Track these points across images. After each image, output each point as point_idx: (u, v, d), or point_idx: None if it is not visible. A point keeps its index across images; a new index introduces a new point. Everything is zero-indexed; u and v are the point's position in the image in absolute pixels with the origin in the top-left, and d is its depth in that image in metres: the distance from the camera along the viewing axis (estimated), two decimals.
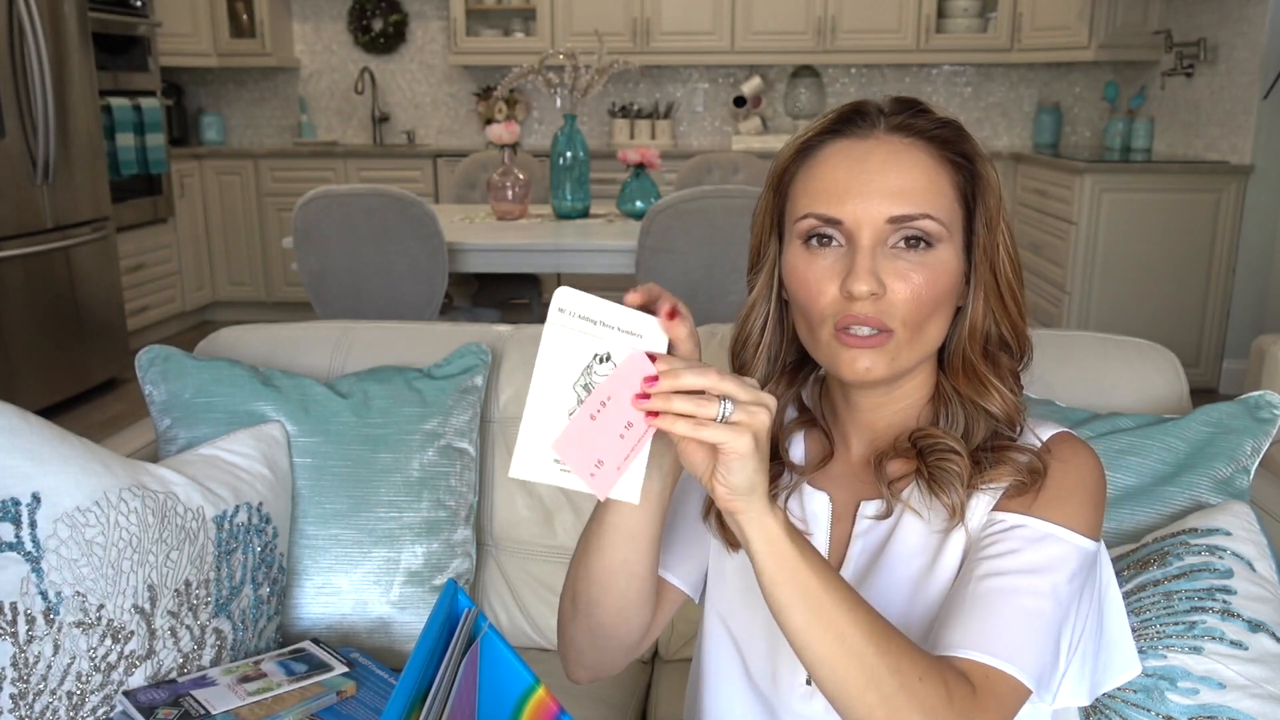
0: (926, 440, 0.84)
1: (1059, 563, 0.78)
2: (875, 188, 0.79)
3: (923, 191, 0.80)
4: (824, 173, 0.82)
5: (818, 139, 0.84)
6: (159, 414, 1.33)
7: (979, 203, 0.83)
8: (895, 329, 0.80)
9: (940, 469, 0.82)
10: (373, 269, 2.98)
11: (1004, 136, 5.50)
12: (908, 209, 0.79)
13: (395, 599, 1.28)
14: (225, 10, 5.42)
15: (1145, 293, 4.05)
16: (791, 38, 5.19)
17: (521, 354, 1.43)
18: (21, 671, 1.03)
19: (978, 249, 0.83)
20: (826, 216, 0.80)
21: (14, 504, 1.04)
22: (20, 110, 3.59)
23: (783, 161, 0.86)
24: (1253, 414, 1.14)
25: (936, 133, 0.82)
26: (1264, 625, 0.96)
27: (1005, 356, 0.86)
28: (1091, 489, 0.82)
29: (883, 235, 0.79)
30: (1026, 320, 0.86)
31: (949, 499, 0.81)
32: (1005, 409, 0.84)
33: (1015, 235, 0.86)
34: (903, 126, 0.82)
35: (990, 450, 0.82)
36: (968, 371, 0.84)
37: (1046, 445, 0.83)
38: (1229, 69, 4.03)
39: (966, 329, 0.84)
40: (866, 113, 0.83)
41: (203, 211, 5.37)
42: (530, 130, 5.68)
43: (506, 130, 3.37)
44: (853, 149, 0.81)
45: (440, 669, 0.63)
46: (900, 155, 0.80)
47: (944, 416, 0.86)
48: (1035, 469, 0.81)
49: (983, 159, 0.84)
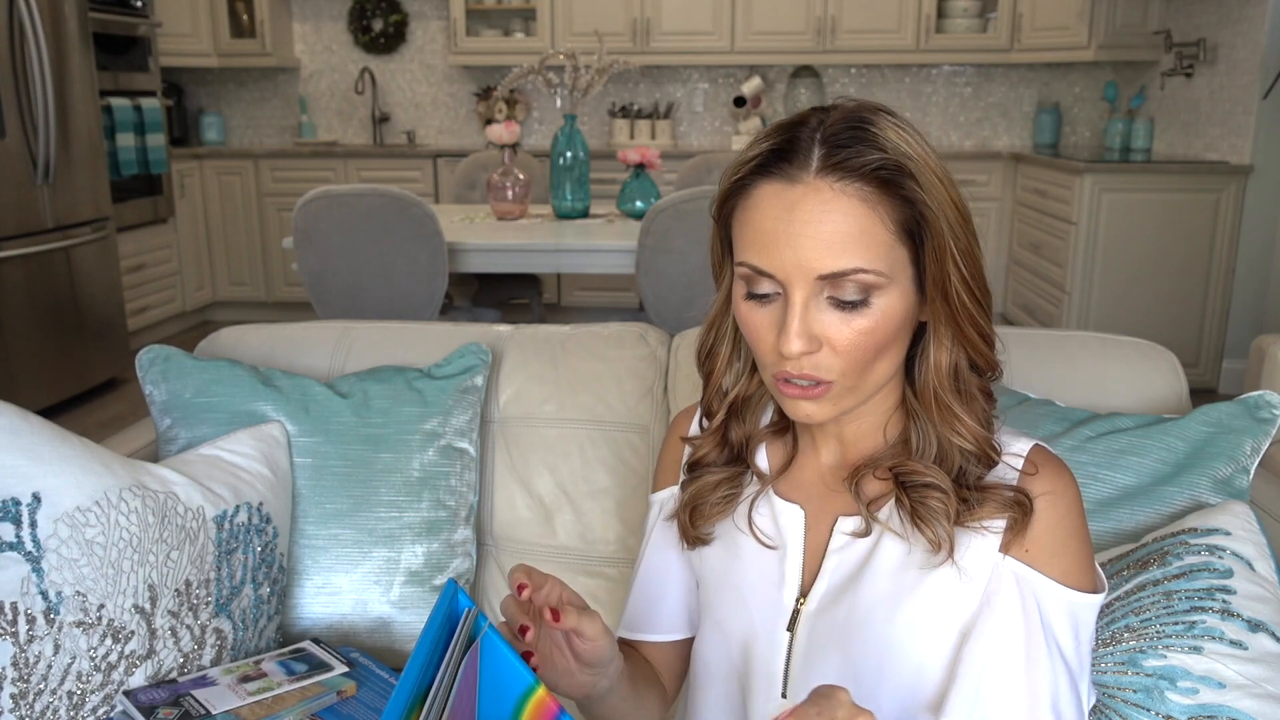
0: (908, 475, 0.83)
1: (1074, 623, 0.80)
2: (804, 241, 0.76)
3: (854, 242, 0.75)
4: (755, 219, 0.79)
5: (750, 178, 0.80)
6: (159, 414, 1.33)
7: (926, 235, 0.78)
8: (834, 380, 0.79)
9: (924, 504, 0.81)
10: (373, 269, 2.98)
11: (1004, 136, 5.51)
12: (839, 264, 0.75)
13: (395, 599, 1.28)
14: (225, 10, 5.42)
15: (1145, 293, 4.05)
16: (791, 38, 5.19)
17: (521, 354, 1.44)
18: (22, 671, 1.03)
19: (928, 282, 0.79)
20: (759, 269, 0.78)
21: (14, 504, 1.05)
22: (21, 110, 3.59)
23: (721, 195, 0.85)
24: (1252, 414, 1.14)
25: (874, 173, 0.76)
26: (1264, 625, 0.96)
27: (975, 377, 0.84)
28: (1082, 529, 0.82)
29: (814, 290, 0.77)
30: (993, 342, 0.83)
31: (934, 534, 0.81)
32: (975, 443, 0.82)
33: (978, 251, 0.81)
34: (836, 167, 0.76)
35: (974, 489, 0.81)
36: (939, 405, 0.83)
37: (1030, 462, 0.83)
38: (1229, 69, 4.03)
39: (932, 364, 0.82)
40: (799, 147, 0.77)
41: (203, 211, 5.37)
42: (530, 130, 5.68)
43: (506, 130, 3.38)
44: (783, 195, 0.77)
45: (440, 669, 0.63)
46: (830, 205, 0.75)
47: (915, 433, 0.85)
48: (1022, 504, 0.80)
49: (925, 201, 0.77)
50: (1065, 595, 0.79)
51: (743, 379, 0.92)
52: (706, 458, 0.94)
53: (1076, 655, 0.80)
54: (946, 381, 0.82)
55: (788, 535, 0.89)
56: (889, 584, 0.83)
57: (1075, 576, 0.80)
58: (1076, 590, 0.80)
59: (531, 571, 0.78)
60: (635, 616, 1.02)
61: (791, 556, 0.89)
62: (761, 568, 0.90)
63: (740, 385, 0.92)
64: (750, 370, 0.92)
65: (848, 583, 0.85)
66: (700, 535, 0.94)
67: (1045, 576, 0.79)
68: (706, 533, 0.94)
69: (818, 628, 0.86)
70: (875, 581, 0.84)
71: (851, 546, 0.86)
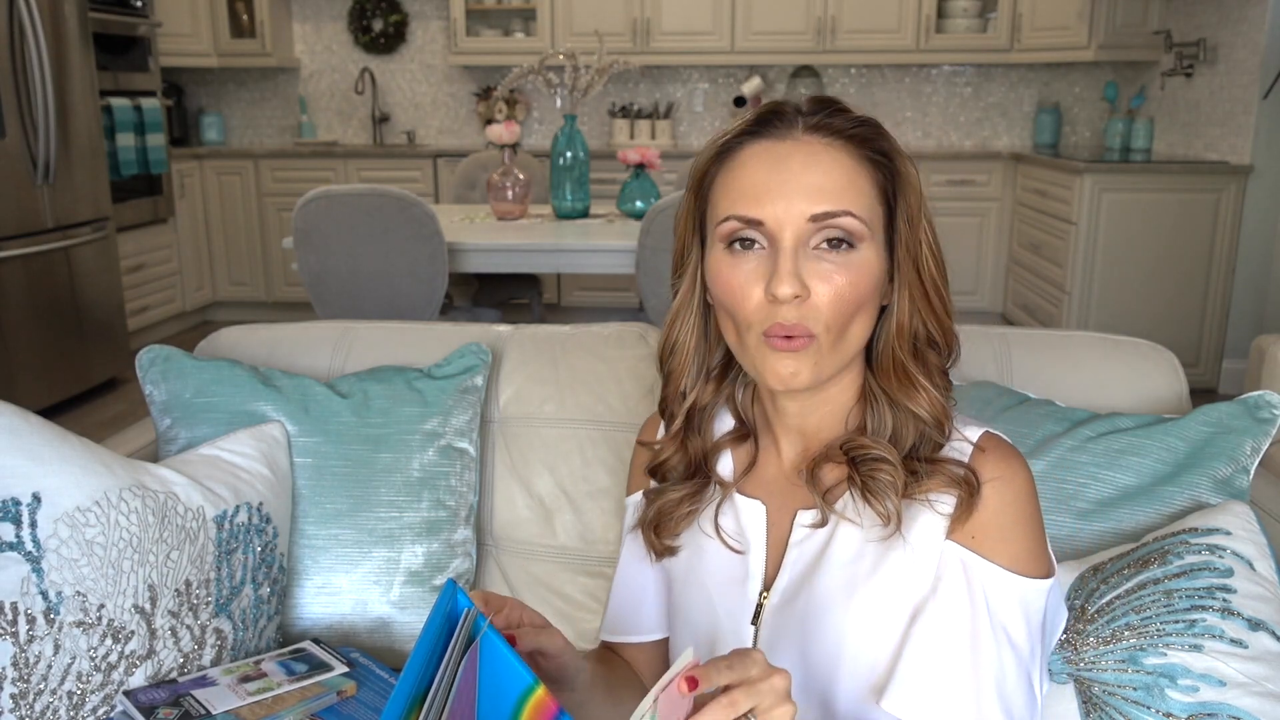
0: (857, 450, 0.84)
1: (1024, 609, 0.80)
2: (795, 187, 0.79)
3: (843, 189, 0.79)
4: (744, 174, 0.81)
5: (736, 140, 0.83)
6: (159, 414, 1.33)
7: (900, 200, 0.83)
8: (818, 334, 0.80)
9: (873, 478, 0.82)
10: (373, 269, 2.98)
11: (1004, 136, 5.50)
12: (829, 206, 0.78)
13: (395, 599, 1.28)
14: (225, 10, 5.42)
15: (1145, 293, 4.05)
16: (791, 38, 5.19)
17: (521, 354, 1.44)
18: (22, 671, 1.03)
19: (900, 247, 0.83)
20: (747, 218, 0.80)
21: (14, 504, 1.05)
22: (20, 110, 3.59)
23: (702, 164, 0.86)
24: (1252, 414, 1.14)
25: (855, 131, 0.82)
26: (1264, 624, 0.96)
27: (933, 354, 0.85)
28: (1031, 515, 0.82)
29: (805, 235, 0.79)
30: (953, 317, 0.86)
31: (883, 507, 0.82)
32: (933, 411, 0.83)
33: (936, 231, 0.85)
34: (820, 126, 0.81)
35: (924, 460, 0.82)
36: (897, 371, 0.84)
37: (979, 446, 0.83)
38: (1229, 69, 4.03)
39: (894, 328, 0.84)
40: (784, 114, 0.83)
41: (203, 211, 5.37)
42: (530, 130, 5.68)
43: (506, 130, 3.38)
44: (772, 150, 0.81)
45: (440, 669, 0.63)
46: (820, 155, 0.80)
47: (872, 417, 0.86)
48: (969, 481, 0.81)
49: (902, 156, 0.83)
50: (1012, 582, 0.80)
51: (699, 384, 0.92)
52: (669, 462, 0.95)
53: (1027, 641, 0.80)
54: (907, 345, 0.84)
55: (750, 532, 0.91)
56: (844, 573, 0.84)
57: (1024, 563, 0.80)
58: (1025, 576, 0.80)
59: (489, 596, 0.79)
60: (617, 619, 1.03)
61: (755, 552, 0.90)
62: (727, 566, 0.91)
63: (697, 391, 0.92)
64: (707, 377, 0.92)
65: (807, 574, 0.86)
66: (667, 546, 0.95)
67: (992, 563, 0.80)
68: (672, 544, 0.95)
69: (779, 620, 0.87)
70: (831, 571, 0.85)
71: (811, 538, 0.87)
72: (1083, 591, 1.02)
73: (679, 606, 0.96)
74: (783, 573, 0.88)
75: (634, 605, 1.01)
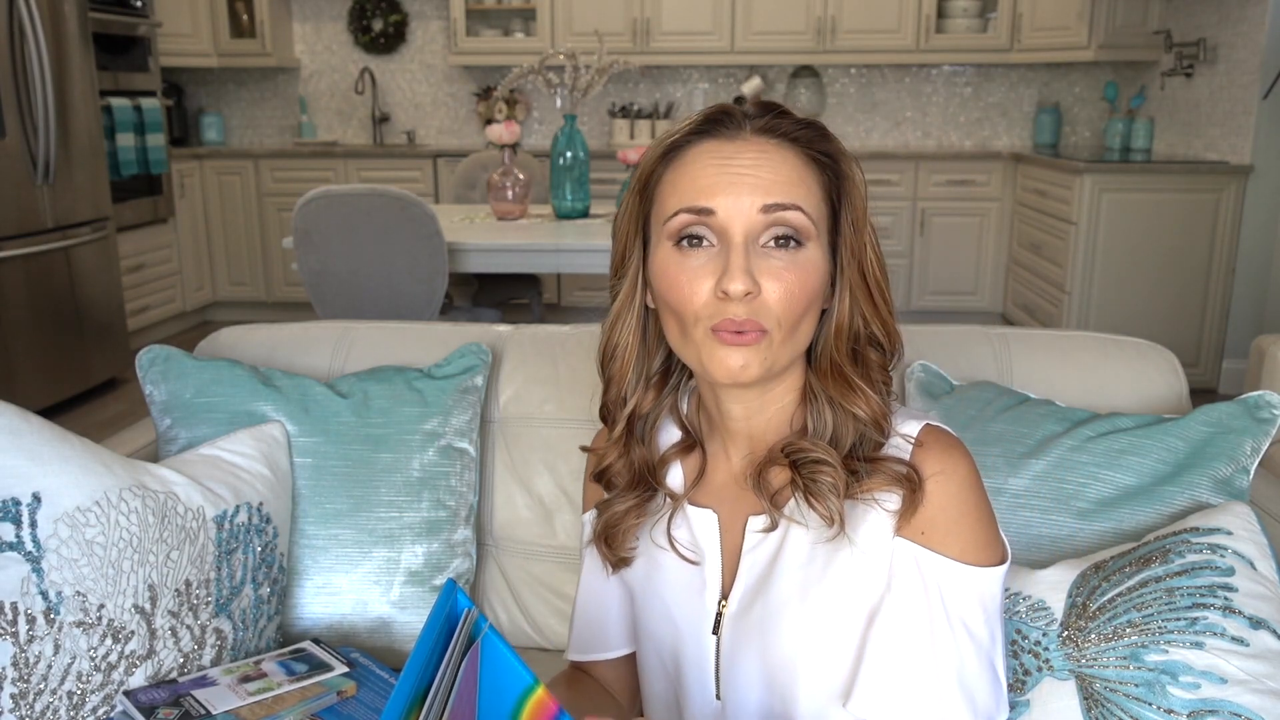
0: (797, 453, 0.84)
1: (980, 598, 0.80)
2: (745, 182, 0.79)
3: (793, 185, 0.80)
4: (692, 172, 0.81)
5: (684, 140, 0.83)
6: (159, 414, 1.33)
7: (845, 202, 0.83)
8: (770, 329, 0.79)
9: (814, 480, 0.82)
10: (373, 269, 2.98)
11: (1004, 136, 5.51)
12: (780, 198, 0.79)
13: (395, 599, 1.28)
14: (225, 10, 5.42)
15: (1145, 293, 4.05)
16: (791, 38, 5.19)
17: (521, 354, 1.44)
18: (22, 671, 1.03)
19: (844, 249, 0.83)
20: (699, 208, 0.79)
21: (14, 504, 1.04)
22: (20, 110, 3.59)
23: (649, 164, 0.85)
24: (1252, 414, 1.15)
25: (800, 133, 0.82)
26: (1265, 622, 0.96)
27: (875, 353, 0.86)
28: (977, 504, 0.82)
29: (755, 230, 0.79)
30: (895, 316, 0.86)
31: (824, 509, 0.81)
32: (871, 413, 0.83)
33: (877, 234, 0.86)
34: (768, 128, 0.82)
35: (864, 460, 0.82)
36: (835, 373, 0.84)
37: (919, 442, 0.83)
38: (1229, 69, 4.03)
39: (833, 329, 0.84)
40: (732, 115, 0.83)
41: (203, 211, 5.37)
42: (530, 130, 5.68)
43: (506, 130, 3.38)
44: (721, 149, 0.81)
45: (440, 669, 0.63)
46: (769, 152, 0.81)
47: (813, 416, 0.85)
48: (911, 478, 0.81)
49: (847, 158, 0.84)
50: (966, 573, 0.80)
51: (639, 389, 0.91)
52: (613, 467, 0.93)
53: (987, 628, 0.80)
54: (845, 344, 0.84)
55: (704, 541, 0.90)
56: (798, 576, 0.84)
57: (974, 553, 0.80)
58: (977, 566, 0.80)
59: None
60: (582, 638, 1.02)
61: (710, 561, 0.89)
62: (684, 577, 0.91)
63: (638, 396, 0.91)
64: (647, 384, 0.91)
65: (763, 579, 0.86)
66: (621, 557, 0.94)
67: (943, 556, 0.80)
68: (627, 554, 0.94)
69: (738, 628, 0.87)
70: (785, 576, 0.84)
71: (763, 544, 0.87)
72: (1084, 588, 1.02)
73: (641, 619, 0.96)
74: (739, 580, 0.88)
75: (599, 622, 1.00)
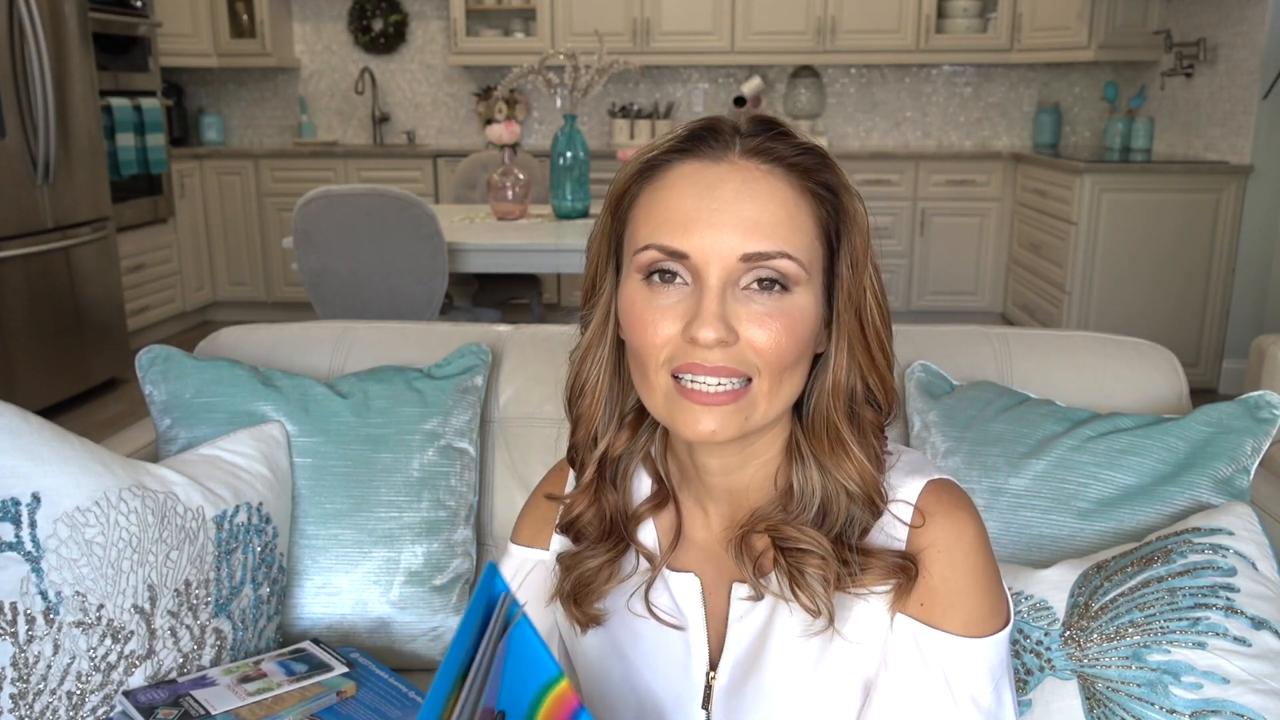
0: (783, 540, 0.75)
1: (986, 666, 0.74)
2: (726, 219, 0.69)
3: (780, 226, 0.69)
4: (669, 198, 0.71)
5: (664, 158, 0.73)
6: (159, 414, 1.33)
7: (843, 240, 0.73)
8: (753, 376, 0.70)
9: (800, 571, 0.74)
10: (373, 269, 2.98)
11: (1004, 136, 5.51)
12: (763, 245, 0.69)
13: (395, 599, 1.28)
14: (225, 10, 5.42)
15: (1145, 293, 4.05)
16: (791, 38, 5.19)
17: (521, 354, 1.43)
18: (21, 671, 1.03)
19: (841, 293, 0.73)
20: (670, 249, 0.69)
21: (14, 504, 1.04)
22: (20, 110, 3.59)
23: (623, 181, 0.75)
24: (1253, 414, 1.15)
25: (797, 160, 0.71)
26: (1266, 622, 0.96)
27: (870, 411, 0.76)
28: (982, 573, 0.75)
29: (734, 275, 0.69)
30: (893, 371, 0.77)
31: (811, 604, 0.74)
32: (864, 486, 0.75)
33: (882, 277, 0.76)
34: (760, 150, 0.71)
35: (856, 550, 0.74)
36: (830, 433, 0.75)
37: (919, 509, 0.75)
38: (1229, 69, 4.03)
39: (829, 384, 0.74)
40: (721, 132, 0.72)
41: (203, 211, 5.37)
42: (530, 130, 5.68)
43: (506, 130, 3.38)
44: (703, 174, 0.71)
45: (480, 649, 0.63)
46: (756, 184, 0.70)
47: (799, 476, 0.76)
48: (907, 568, 0.74)
49: (849, 191, 0.73)
50: (970, 647, 0.73)
51: (612, 430, 0.81)
52: (582, 518, 0.83)
53: (994, 695, 0.74)
54: (842, 404, 0.75)
55: (686, 608, 0.81)
56: (794, 650, 0.77)
57: (979, 624, 0.73)
58: (982, 638, 0.73)
59: None
60: None
61: (695, 629, 0.81)
62: (665, 646, 0.82)
63: (609, 437, 0.81)
64: (620, 423, 0.81)
65: (754, 652, 0.79)
66: (593, 615, 0.83)
67: (945, 633, 0.73)
68: (599, 611, 0.83)
69: (732, 704, 0.79)
70: (781, 648, 0.77)
71: (752, 613, 0.79)
72: (1086, 588, 1.02)
73: (604, 687, 0.85)
74: (727, 650, 0.80)
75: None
